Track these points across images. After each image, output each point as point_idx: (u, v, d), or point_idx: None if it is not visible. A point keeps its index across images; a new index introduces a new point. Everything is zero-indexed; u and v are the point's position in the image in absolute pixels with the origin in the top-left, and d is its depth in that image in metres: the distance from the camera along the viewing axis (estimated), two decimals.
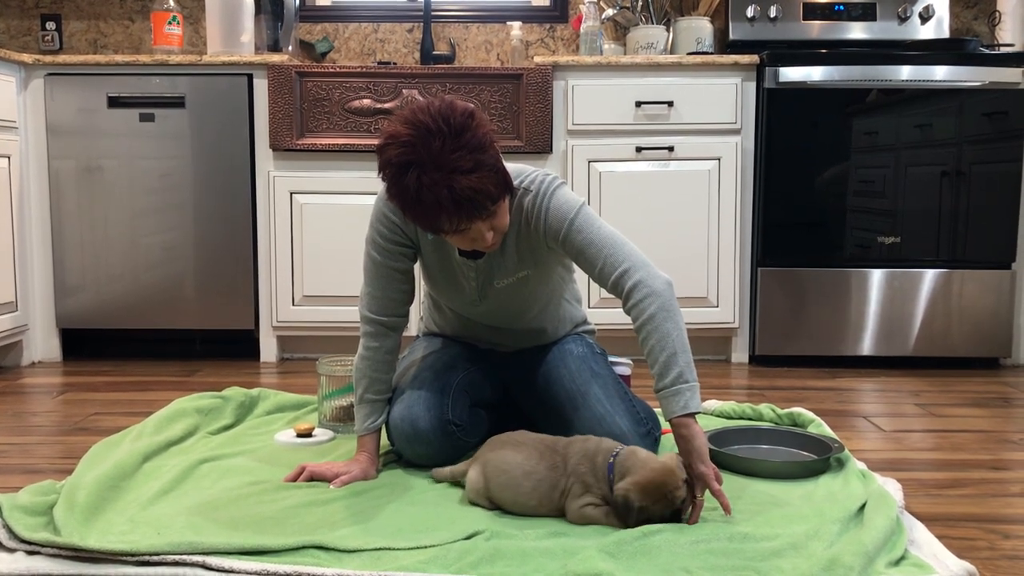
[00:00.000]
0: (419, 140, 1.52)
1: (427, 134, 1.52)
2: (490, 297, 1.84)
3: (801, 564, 1.35)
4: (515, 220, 1.74)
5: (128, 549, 1.38)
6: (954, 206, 3.04)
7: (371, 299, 1.82)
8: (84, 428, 2.28)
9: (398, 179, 1.54)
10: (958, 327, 3.08)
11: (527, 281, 1.83)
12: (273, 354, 3.16)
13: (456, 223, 1.56)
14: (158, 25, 3.21)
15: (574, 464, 1.58)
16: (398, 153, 1.53)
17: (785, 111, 3.03)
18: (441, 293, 1.90)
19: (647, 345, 1.61)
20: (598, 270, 1.67)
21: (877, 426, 2.33)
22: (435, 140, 1.51)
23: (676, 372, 1.58)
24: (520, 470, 1.59)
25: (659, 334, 1.60)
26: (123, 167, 3.08)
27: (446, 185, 1.51)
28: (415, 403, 1.81)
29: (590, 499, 1.55)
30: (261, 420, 2.23)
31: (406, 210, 1.57)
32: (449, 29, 3.67)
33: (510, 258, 1.78)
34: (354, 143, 3.03)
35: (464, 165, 1.52)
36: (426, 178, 1.51)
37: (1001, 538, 1.57)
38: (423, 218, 1.56)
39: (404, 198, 1.55)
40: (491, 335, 1.98)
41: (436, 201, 1.52)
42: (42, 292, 3.13)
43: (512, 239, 1.76)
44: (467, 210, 1.54)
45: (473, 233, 1.60)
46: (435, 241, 1.79)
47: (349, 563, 1.37)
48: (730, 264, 3.09)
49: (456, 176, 1.51)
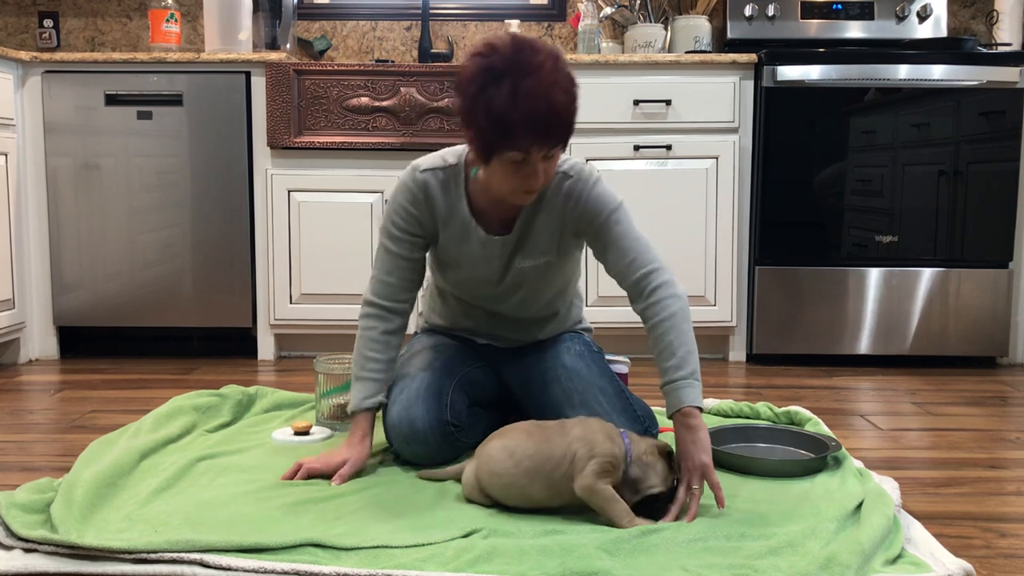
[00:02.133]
0: (523, 53, 1.53)
1: (531, 50, 1.54)
2: (510, 277, 1.84)
3: (798, 562, 1.35)
4: (554, 201, 1.77)
5: (125, 547, 1.38)
6: (951, 205, 3.04)
7: (378, 284, 1.83)
8: (81, 426, 2.28)
9: (490, 86, 1.53)
10: (955, 326, 3.08)
11: (548, 268, 1.84)
12: (271, 352, 3.16)
13: (535, 140, 1.54)
14: (156, 23, 3.20)
15: (579, 430, 1.56)
16: (497, 59, 1.54)
17: (783, 110, 3.03)
18: (458, 278, 1.87)
19: (664, 339, 1.66)
20: (627, 262, 1.71)
21: (874, 425, 2.34)
22: (539, 56, 1.53)
23: (691, 368, 1.64)
24: (504, 452, 1.58)
25: (678, 331, 1.66)
26: (121, 165, 3.07)
27: (545, 98, 1.51)
28: (413, 403, 1.81)
29: (599, 466, 1.51)
30: (259, 418, 2.22)
31: (489, 121, 1.53)
32: (447, 27, 3.66)
33: (541, 236, 1.79)
34: (352, 141, 3.03)
35: (564, 84, 1.54)
36: (527, 84, 1.51)
37: (998, 536, 1.57)
38: (506, 129, 1.53)
39: (492, 107, 1.52)
40: (493, 327, 1.98)
41: (530, 112, 1.51)
42: (39, 290, 3.12)
43: (546, 219, 1.78)
44: (553, 131, 1.54)
45: (530, 167, 1.58)
46: (460, 224, 1.79)
47: (347, 561, 1.37)
48: (728, 263, 3.09)
49: (556, 92, 1.53)
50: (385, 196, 3.05)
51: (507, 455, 1.57)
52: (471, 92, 1.56)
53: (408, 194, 1.79)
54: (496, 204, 1.78)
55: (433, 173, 1.78)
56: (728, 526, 1.51)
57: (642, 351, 3.16)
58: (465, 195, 1.78)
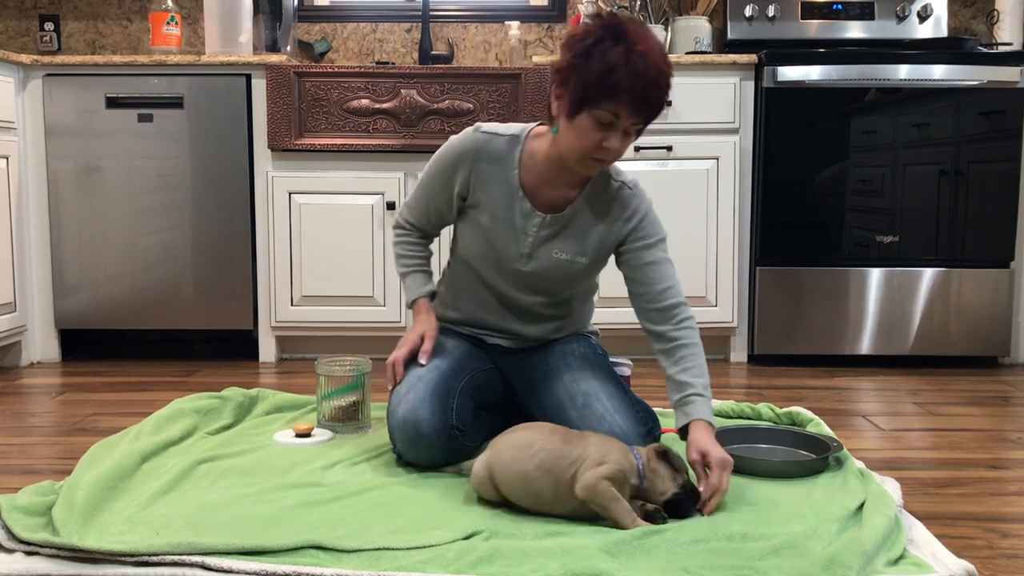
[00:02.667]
0: (640, 27, 1.66)
1: (645, 28, 1.66)
2: (538, 260, 1.86)
3: (800, 563, 1.35)
4: (608, 205, 1.84)
5: (127, 549, 1.38)
6: (952, 205, 3.04)
7: (408, 210, 1.98)
8: (83, 429, 2.28)
9: (608, 40, 1.62)
10: (956, 326, 3.08)
11: (579, 267, 1.88)
12: (272, 354, 3.16)
13: (632, 102, 1.62)
14: (156, 25, 3.21)
15: (596, 441, 1.57)
16: (617, 23, 1.64)
17: (783, 110, 3.03)
18: (487, 249, 1.88)
19: (686, 363, 1.77)
20: (662, 288, 1.81)
21: (876, 425, 2.34)
22: (651, 36, 1.66)
23: (709, 393, 1.77)
24: (525, 441, 1.58)
25: (699, 360, 1.79)
26: (121, 167, 3.08)
27: (656, 67, 1.62)
28: (420, 406, 1.81)
29: (608, 471, 1.51)
30: (260, 420, 2.22)
31: (599, 73, 1.61)
32: (447, 29, 3.67)
33: (583, 232, 1.85)
34: (353, 143, 3.03)
35: (668, 67, 1.66)
36: (641, 49, 1.61)
37: (1000, 537, 1.57)
38: (613, 84, 1.61)
39: (606, 58, 1.61)
40: (504, 318, 1.97)
41: (638, 74, 1.60)
42: (41, 293, 3.13)
43: (593, 218, 1.84)
44: (650, 102, 1.64)
45: (613, 132, 1.66)
46: (506, 191, 1.84)
47: (348, 563, 1.37)
48: (729, 263, 3.09)
49: (663, 67, 1.64)
50: (386, 198, 3.05)
51: (526, 444, 1.58)
52: (585, 44, 1.64)
53: (459, 149, 1.85)
54: (547, 184, 1.83)
55: (491, 137, 1.85)
56: (730, 527, 1.50)
57: (644, 352, 3.16)
58: (518, 166, 1.83)
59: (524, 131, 1.85)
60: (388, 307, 3.09)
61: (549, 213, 1.84)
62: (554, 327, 2.00)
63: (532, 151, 1.83)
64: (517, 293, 1.92)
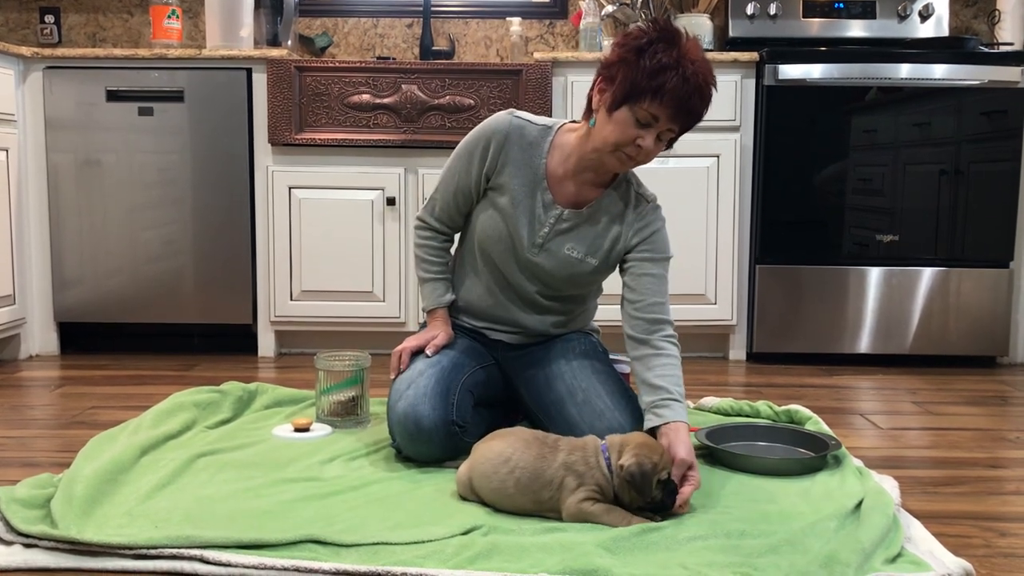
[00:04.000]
0: (693, 43, 1.73)
1: (699, 45, 1.74)
2: (549, 253, 1.88)
3: (798, 561, 1.36)
4: (626, 212, 1.88)
5: (126, 542, 1.38)
6: (952, 205, 3.04)
7: (436, 207, 1.98)
8: (82, 422, 2.28)
9: (661, 43, 1.69)
10: (955, 325, 3.08)
11: (587, 268, 1.90)
12: (271, 349, 3.16)
13: (673, 108, 1.69)
14: (157, 19, 3.20)
15: (564, 456, 1.57)
16: (674, 32, 1.72)
17: (784, 109, 3.03)
18: (501, 231, 1.89)
19: (665, 370, 1.78)
20: (653, 302, 1.85)
21: (874, 424, 2.34)
22: (702, 54, 1.73)
23: (683, 398, 1.78)
24: (501, 457, 1.58)
25: (677, 371, 1.80)
26: (122, 161, 3.07)
27: (704, 78, 1.70)
28: (420, 401, 1.81)
29: (587, 493, 1.54)
30: (259, 415, 2.23)
31: (649, 71, 1.67)
32: (448, 24, 3.66)
33: (598, 233, 1.88)
34: (353, 138, 3.03)
35: (712, 84, 1.73)
36: (693, 59, 1.69)
37: (997, 536, 1.57)
38: (660, 85, 1.67)
39: (658, 59, 1.67)
40: (509, 308, 1.97)
41: (685, 81, 1.67)
42: (40, 286, 3.12)
43: (611, 221, 1.88)
44: (690, 111, 1.71)
45: (647, 132, 1.72)
46: (531, 178, 1.86)
47: (347, 557, 1.38)
48: (728, 261, 3.09)
49: (710, 81, 1.72)
50: (386, 193, 3.05)
51: (502, 461, 1.58)
52: (640, 43, 1.70)
53: (492, 127, 1.88)
54: (571, 178, 1.86)
55: (525, 124, 1.88)
56: (728, 524, 1.51)
57: None
58: (546, 156, 1.87)
59: (556, 124, 1.90)
60: (387, 302, 3.09)
61: (569, 208, 1.87)
62: (556, 321, 2.00)
63: (562, 143, 1.87)
64: (523, 281, 1.93)
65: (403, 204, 3.06)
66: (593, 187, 1.87)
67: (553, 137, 1.87)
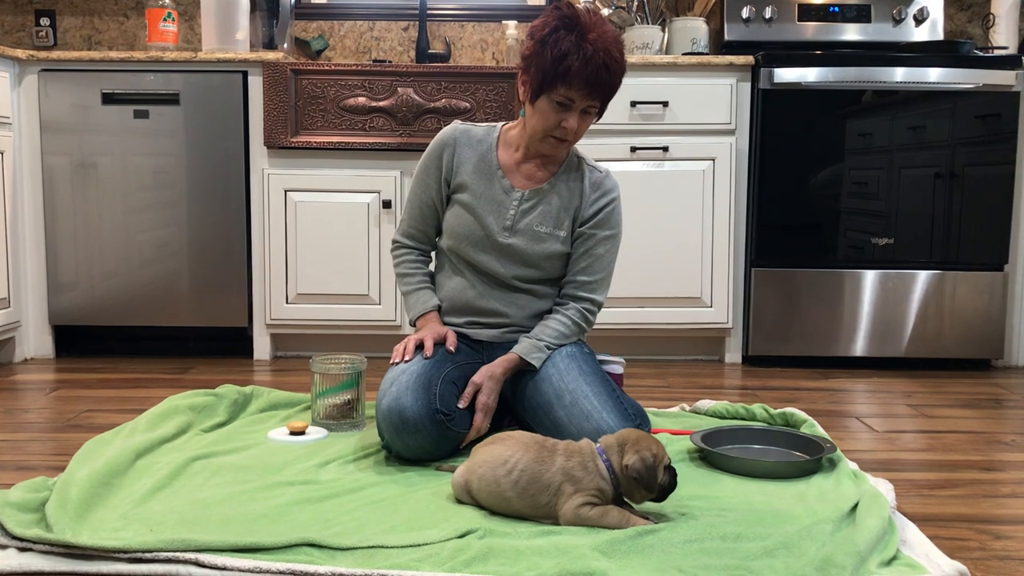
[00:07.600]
0: (595, 16, 1.85)
1: (600, 18, 1.85)
2: (520, 234, 2.00)
3: (794, 563, 1.36)
4: (580, 183, 2.02)
5: (121, 546, 1.37)
6: (947, 208, 3.05)
7: (406, 225, 2.12)
8: (77, 425, 2.27)
9: (562, 29, 1.82)
10: (950, 328, 3.09)
11: (558, 239, 2.01)
12: (266, 352, 3.16)
13: (584, 85, 1.82)
14: (153, 22, 3.20)
15: (562, 460, 1.57)
16: (572, 13, 1.83)
17: (780, 112, 3.03)
18: (471, 224, 2.00)
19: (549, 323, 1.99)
20: (587, 280, 2.01)
21: (869, 427, 2.34)
22: (606, 24, 1.85)
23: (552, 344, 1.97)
24: (500, 460, 1.58)
25: (563, 331, 1.99)
26: (117, 164, 3.07)
27: (605, 51, 1.81)
28: (403, 394, 1.82)
29: (584, 498, 1.54)
30: (254, 418, 2.22)
31: (553, 59, 1.81)
32: (444, 28, 3.66)
33: (558, 207, 2.00)
34: (349, 141, 3.03)
35: (618, 51, 1.85)
36: (592, 37, 1.81)
37: (992, 539, 1.57)
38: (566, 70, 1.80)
39: (559, 47, 1.80)
40: (488, 299, 2.02)
41: (587, 59, 1.79)
42: (35, 289, 3.12)
43: (568, 193, 2.01)
44: (601, 84, 1.83)
45: (570, 113, 1.87)
46: (486, 170, 2.01)
47: (342, 561, 1.37)
48: (724, 264, 3.09)
49: (613, 52, 1.83)
50: (382, 196, 3.05)
51: (501, 463, 1.58)
52: (543, 33, 1.84)
53: (440, 138, 2.05)
54: (522, 164, 2.01)
55: (469, 127, 2.06)
56: (724, 527, 1.51)
57: (638, 352, 3.17)
58: (495, 149, 2.03)
59: (498, 124, 2.08)
60: (383, 305, 3.09)
61: (528, 189, 1.99)
62: (538, 305, 2.04)
63: (507, 139, 2.06)
64: (500, 268, 2.00)
65: (399, 207, 3.06)
66: (546, 169, 2.03)
67: (499, 134, 2.05)
